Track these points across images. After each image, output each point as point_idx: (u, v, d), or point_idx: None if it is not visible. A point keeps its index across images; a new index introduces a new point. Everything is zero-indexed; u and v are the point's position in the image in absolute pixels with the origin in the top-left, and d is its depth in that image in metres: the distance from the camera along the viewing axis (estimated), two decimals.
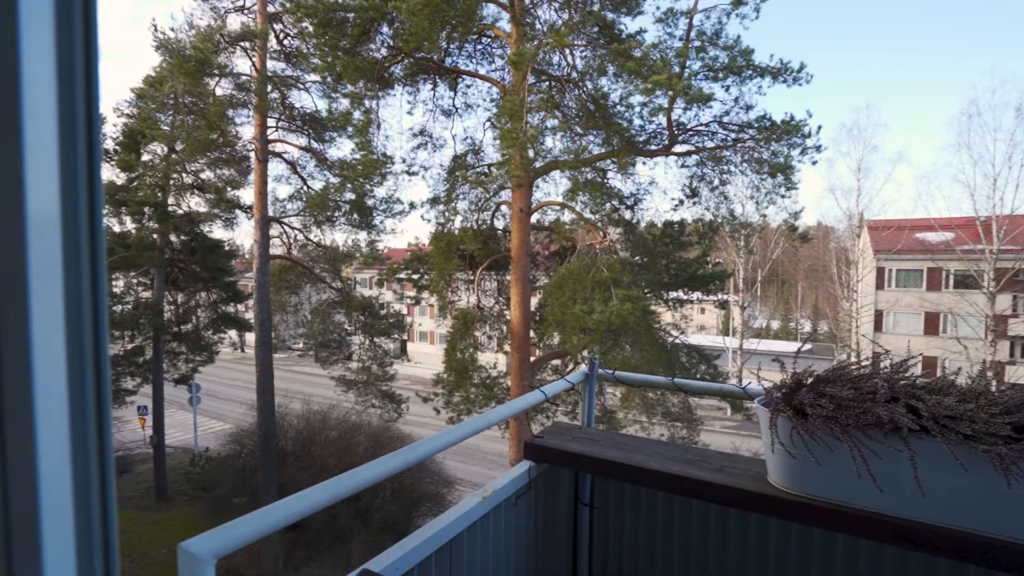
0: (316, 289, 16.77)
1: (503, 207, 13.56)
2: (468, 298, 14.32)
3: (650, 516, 2.09)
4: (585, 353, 11.19)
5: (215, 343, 17.05)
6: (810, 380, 1.54)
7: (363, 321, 16.32)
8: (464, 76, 13.67)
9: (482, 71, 13.67)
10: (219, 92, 12.32)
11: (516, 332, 11.86)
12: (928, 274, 29.03)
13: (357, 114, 11.47)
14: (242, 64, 18.69)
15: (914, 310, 29.22)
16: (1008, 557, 1.24)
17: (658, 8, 10.96)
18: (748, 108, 10.73)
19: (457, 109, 13.81)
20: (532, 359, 13.35)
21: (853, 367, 1.55)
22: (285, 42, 13.16)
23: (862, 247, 32.02)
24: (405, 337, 42.87)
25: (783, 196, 10.43)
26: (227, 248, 16.25)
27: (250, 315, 16.32)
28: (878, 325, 30.16)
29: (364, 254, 15.83)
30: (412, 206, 14.54)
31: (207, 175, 14.82)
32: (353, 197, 13.70)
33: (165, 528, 14.32)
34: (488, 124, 13.07)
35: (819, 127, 10.12)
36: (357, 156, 12.11)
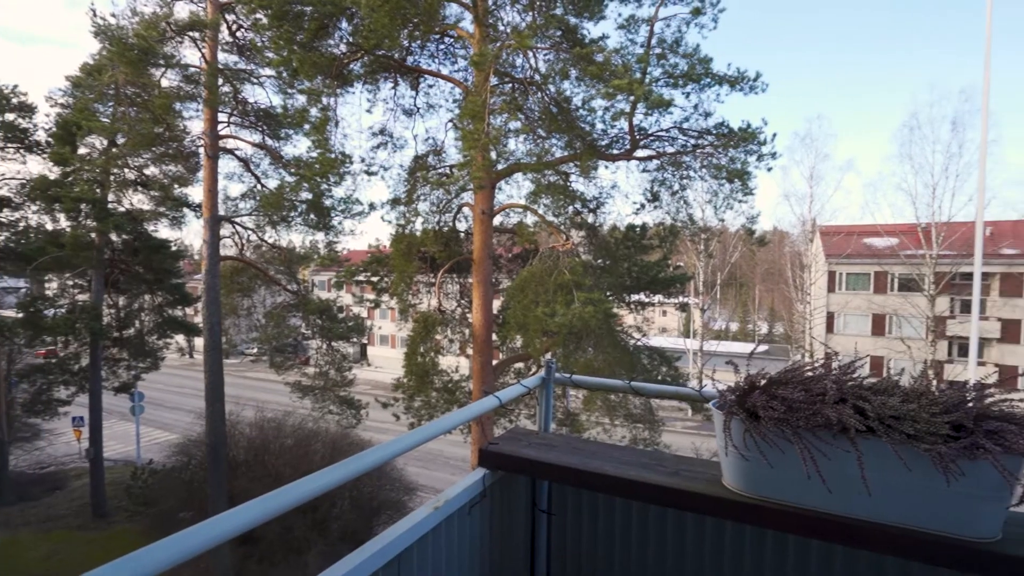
0: (271, 292, 16.21)
1: (465, 209, 13.44)
2: (429, 301, 14.11)
3: (608, 522, 2.05)
4: (548, 355, 11.18)
5: (160, 349, 16.22)
6: (763, 382, 1.51)
7: (320, 325, 15.87)
8: (426, 76, 13.50)
9: (445, 71, 13.54)
10: (165, 84, 11.72)
11: (478, 335, 11.74)
12: (875, 277, 30.48)
13: (314, 111, 11.14)
14: (191, 55, 17.94)
15: (862, 312, 30.62)
16: (949, 553, 1.25)
17: (620, 15, 11.03)
18: (707, 115, 10.98)
19: (419, 109, 13.63)
20: (495, 363, 13.25)
21: (804, 369, 1.52)
22: (238, 34, 12.66)
23: (815, 251, 33.37)
24: (365, 341, 42.29)
25: (740, 201, 10.70)
26: (174, 248, 15.50)
27: (199, 319, 15.61)
28: (830, 326, 31.44)
29: (322, 256, 15.40)
30: (372, 207, 14.22)
31: (152, 171, 14.05)
32: (310, 197, 13.30)
33: (103, 547, 13.49)
34: (450, 125, 12.93)
35: (774, 135, 10.44)
36: (314, 154, 11.75)
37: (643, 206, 11.80)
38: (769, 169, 10.55)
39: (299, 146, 14.57)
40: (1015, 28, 50.00)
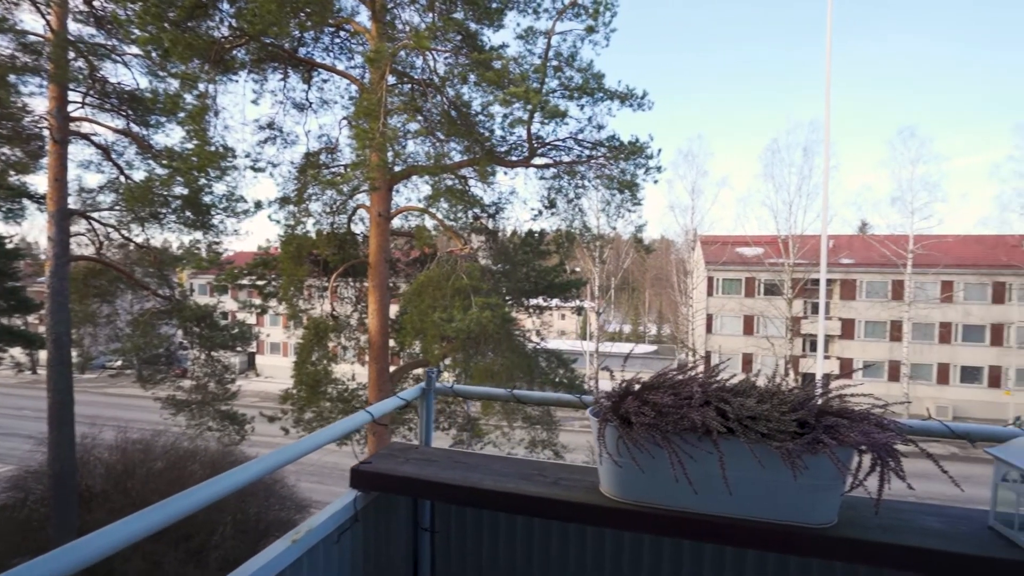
0: (137, 297, 14.41)
1: (361, 211, 12.90)
2: (322, 306, 13.34)
3: (493, 536, 2.01)
4: (446, 361, 11.05)
5: None
6: (637, 388, 1.55)
7: (199, 333, 14.40)
8: (320, 69, 12.81)
9: (340, 67, 12.93)
10: None
11: (374, 342, 11.30)
12: (746, 283, 33.88)
13: (189, 98, 10.08)
14: (33, 22, 15.49)
15: (735, 313, 33.88)
16: (796, 541, 1.35)
17: (519, 25, 11.24)
18: (600, 128, 11.53)
19: (311, 104, 12.89)
20: (393, 369, 12.84)
21: (675, 373, 1.58)
22: (96, 3, 11.12)
23: (696, 259, 36.44)
24: (253, 350, 39.15)
25: (630, 211, 11.35)
26: (10, 246, 13.24)
27: (44, 328, 13.46)
28: (709, 327, 34.41)
29: (201, 257, 13.96)
30: (259, 205, 13.15)
31: None
32: (186, 192, 12.01)
33: None
34: (344, 122, 12.36)
35: (659, 150, 11.20)
36: (190, 145, 10.63)
37: (540, 212, 12.12)
38: (655, 181, 11.31)
39: (172, 135, 13.07)
40: (853, 69, 58.48)
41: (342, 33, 12.57)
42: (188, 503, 1.18)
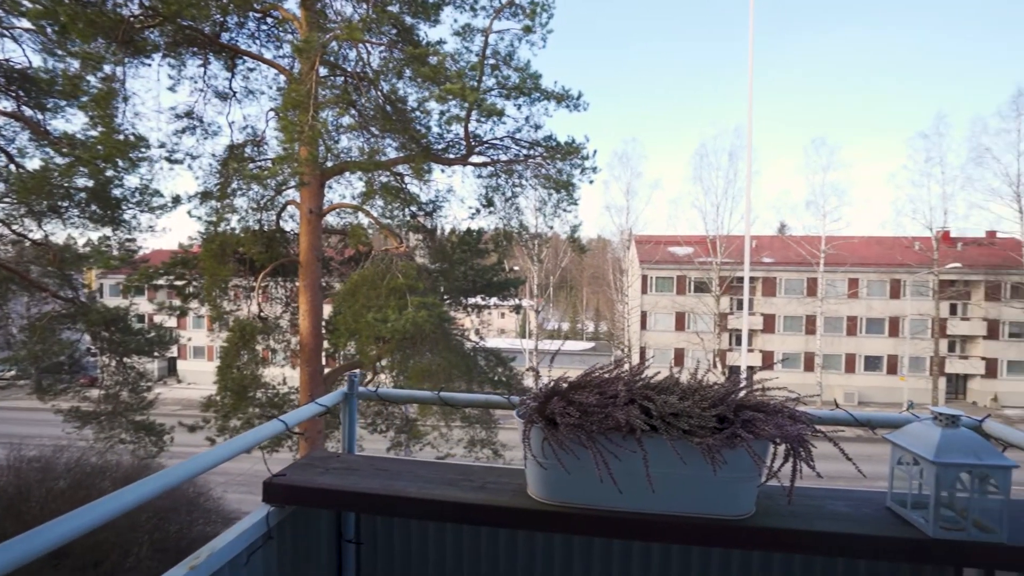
0: (34, 300, 13.03)
1: (291, 207, 12.31)
2: (249, 307, 12.63)
3: (422, 544, 1.95)
4: (382, 362, 10.77)
5: None
6: (564, 387, 1.52)
7: (109, 338, 13.22)
8: (245, 57, 12.09)
9: (268, 55, 12.27)
10: None
11: (306, 343, 10.83)
12: (677, 281, 35.37)
13: (93, 80, 9.21)
14: None
15: (668, 310, 35.31)
16: (717, 533, 1.38)
17: (455, 21, 11.10)
18: (537, 128, 11.63)
19: (235, 93, 12.15)
20: (327, 371, 12.36)
21: (602, 372, 1.57)
22: None
23: (631, 258, 37.65)
24: (174, 354, 36.59)
25: (566, 210, 11.52)
26: None
27: None
28: (644, 324, 35.66)
29: (109, 256, 12.80)
30: (177, 200, 12.24)
31: None
32: (91, 184, 10.97)
33: None
34: (272, 114, 11.74)
35: (595, 151, 11.44)
36: (94, 133, 9.73)
37: (478, 211, 12.07)
38: (591, 181, 11.54)
39: (73, 121, 11.92)
40: (775, 80, 62.53)
41: (269, 20, 11.94)
42: (68, 528, 1.07)
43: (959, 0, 59.23)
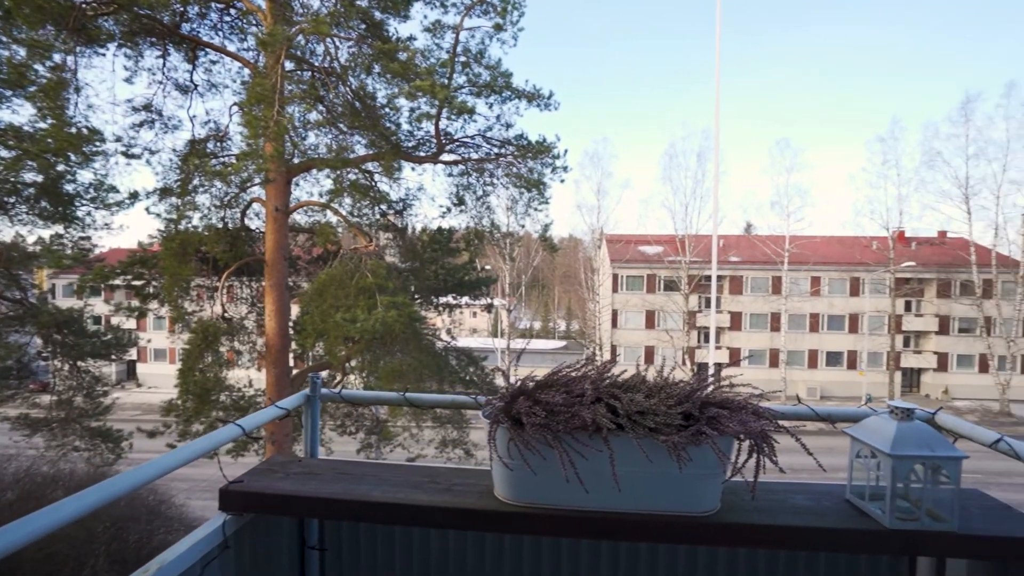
0: None
1: (256, 205, 11.98)
2: (212, 308, 12.23)
3: (388, 548, 1.90)
4: (352, 363, 10.58)
5: None
6: (531, 387, 1.50)
7: (62, 341, 12.61)
8: (207, 49, 11.70)
9: (232, 48, 11.90)
10: None
11: (272, 344, 10.56)
12: (647, 279, 35.91)
13: (41, 69, 8.76)
14: None
15: (638, 309, 35.81)
16: (684, 530, 1.38)
17: (426, 17, 10.98)
18: (508, 126, 11.61)
19: (196, 86, 11.74)
20: (296, 372, 12.08)
21: (569, 370, 1.56)
22: None
23: (602, 256, 38.03)
24: (133, 357, 35.23)
25: (537, 209, 11.54)
26: None
27: None
28: (615, 322, 36.08)
29: (61, 254, 12.20)
30: (134, 197, 11.75)
31: None
32: (40, 179, 10.45)
33: None
34: (236, 108, 11.39)
35: (566, 150, 11.50)
36: (43, 125, 9.26)
37: (449, 210, 11.99)
38: (562, 181, 11.59)
39: (21, 113, 11.30)
40: (743, 79, 64.08)
41: (232, 11, 11.58)
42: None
43: (916, 8, 61.95)
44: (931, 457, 1.31)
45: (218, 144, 11.77)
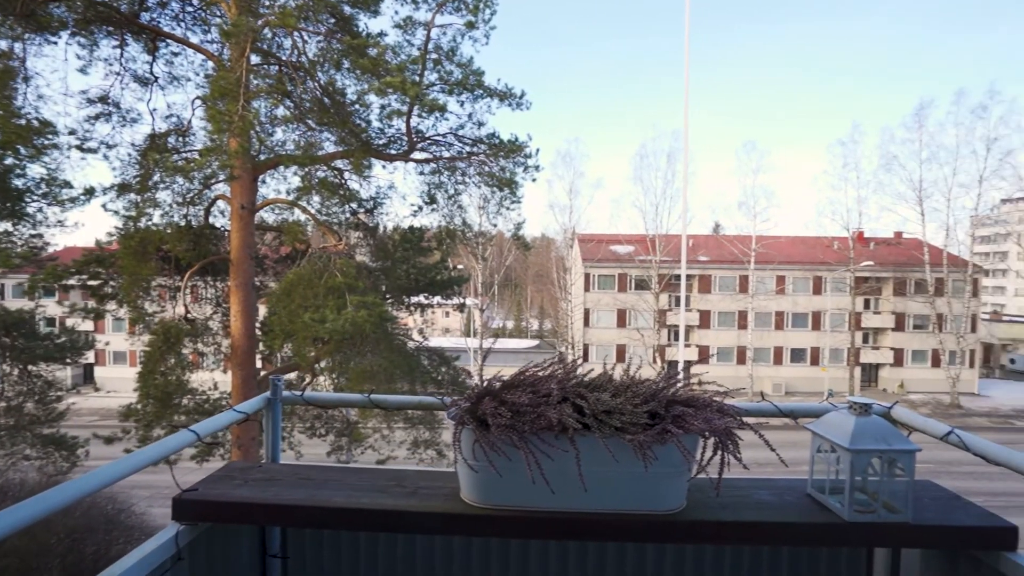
0: None
1: (221, 202, 11.61)
2: (175, 308, 11.82)
3: (353, 555, 1.86)
4: (321, 364, 10.38)
5: None
6: (497, 387, 1.48)
7: (11, 344, 12.00)
8: (168, 40, 11.29)
9: (194, 39, 11.51)
10: None
11: (238, 346, 10.26)
12: (618, 279, 36.33)
13: None
14: None
15: (610, 308, 36.20)
16: (651, 529, 1.39)
17: (396, 13, 10.83)
18: (480, 125, 11.55)
19: (157, 78, 11.31)
20: (264, 374, 11.78)
21: (536, 370, 1.54)
22: None
23: (574, 256, 38.31)
24: (90, 360, 33.80)
25: (509, 208, 11.52)
26: None
27: None
28: (587, 321, 36.38)
29: (11, 253, 11.60)
30: (90, 193, 11.25)
31: None
32: None
33: None
34: (199, 102, 11.02)
35: (537, 150, 11.51)
36: None
37: (421, 208, 11.86)
38: (534, 180, 11.60)
39: None
40: (713, 82, 65.44)
41: (195, 1, 11.21)
42: None
43: (874, 15, 64.38)
44: (887, 451, 1.35)
45: (180, 139, 11.36)
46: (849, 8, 66.78)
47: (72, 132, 10.57)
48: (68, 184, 10.86)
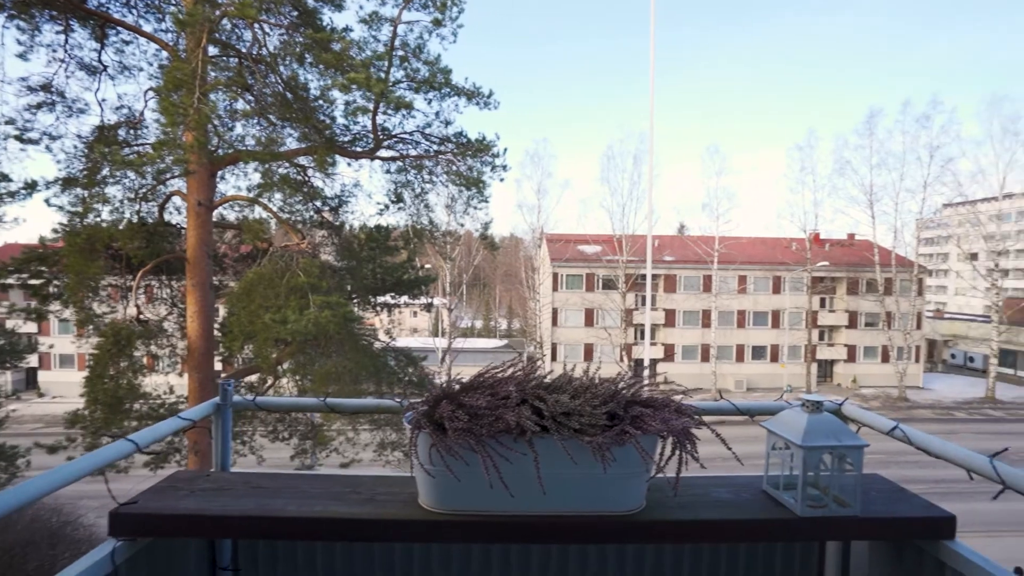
0: None
1: (176, 198, 11.16)
2: (126, 309, 11.29)
3: (309, 565, 1.80)
4: (284, 366, 10.09)
5: None
6: (456, 389, 1.45)
7: None
8: (118, 27, 10.77)
9: (147, 28, 11.01)
10: None
11: (195, 347, 9.88)
12: (586, 278, 36.68)
13: None
14: None
15: (578, 307, 36.50)
16: (611, 529, 1.39)
17: (361, 7, 10.62)
18: (447, 123, 11.44)
19: (106, 67, 10.78)
20: (224, 376, 11.37)
21: (495, 372, 1.52)
22: None
23: (543, 256, 38.48)
24: (34, 364, 32.03)
25: (476, 208, 11.45)
26: None
27: None
28: (555, 320, 36.59)
29: None
30: (32, 187, 10.64)
31: None
32: None
33: None
34: (152, 94, 10.54)
35: (505, 149, 11.47)
36: None
37: (387, 207, 11.67)
38: (502, 179, 11.57)
39: None
40: (678, 85, 66.78)
41: None
42: None
43: (834, 21, 66.92)
44: (837, 447, 1.38)
45: (131, 132, 10.86)
46: (813, 10, 69.38)
47: (10, 121, 9.96)
48: (6, 177, 10.25)
